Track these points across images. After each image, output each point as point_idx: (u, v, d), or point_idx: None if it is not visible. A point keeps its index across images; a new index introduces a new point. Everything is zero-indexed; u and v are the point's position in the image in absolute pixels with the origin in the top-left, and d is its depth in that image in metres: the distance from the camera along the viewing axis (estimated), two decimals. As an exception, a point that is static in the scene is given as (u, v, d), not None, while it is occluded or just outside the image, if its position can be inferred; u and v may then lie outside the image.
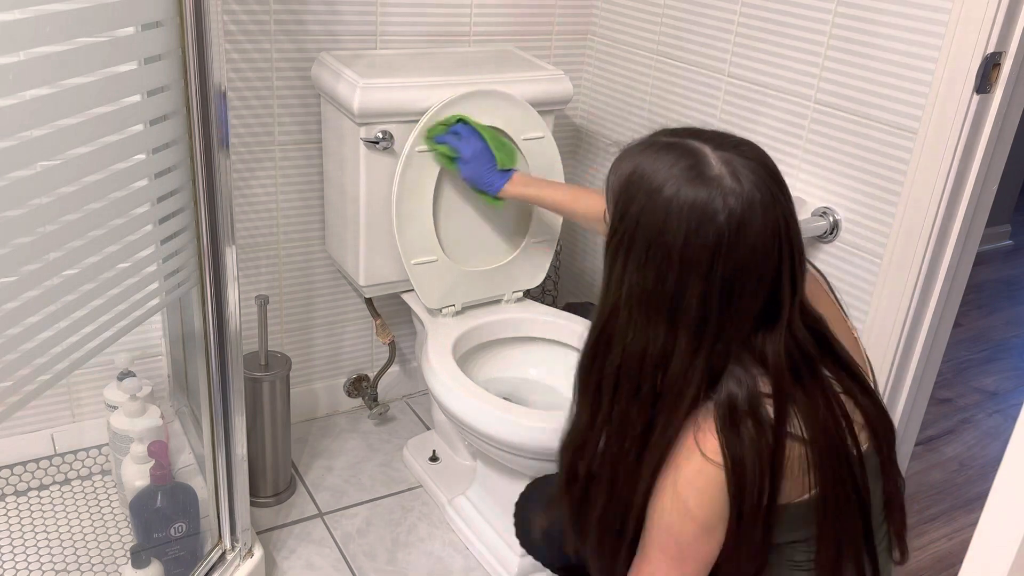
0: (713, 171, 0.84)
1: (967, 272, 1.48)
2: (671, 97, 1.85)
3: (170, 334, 1.77)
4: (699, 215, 0.83)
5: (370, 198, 1.66)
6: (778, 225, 0.85)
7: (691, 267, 0.84)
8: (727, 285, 0.84)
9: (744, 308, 0.86)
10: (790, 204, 0.88)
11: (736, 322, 0.86)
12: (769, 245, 0.84)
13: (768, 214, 0.84)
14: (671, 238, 0.84)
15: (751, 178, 0.84)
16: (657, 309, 0.87)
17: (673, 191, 0.84)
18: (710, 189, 0.83)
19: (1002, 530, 0.52)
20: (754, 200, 0.83)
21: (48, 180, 0.97)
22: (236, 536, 1.50)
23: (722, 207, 0.83)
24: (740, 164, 0.85)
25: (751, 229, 0.83)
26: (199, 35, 1.14)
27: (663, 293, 0.86)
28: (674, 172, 0.85)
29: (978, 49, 1.26)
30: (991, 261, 3.45)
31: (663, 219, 0.84)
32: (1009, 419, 2.39)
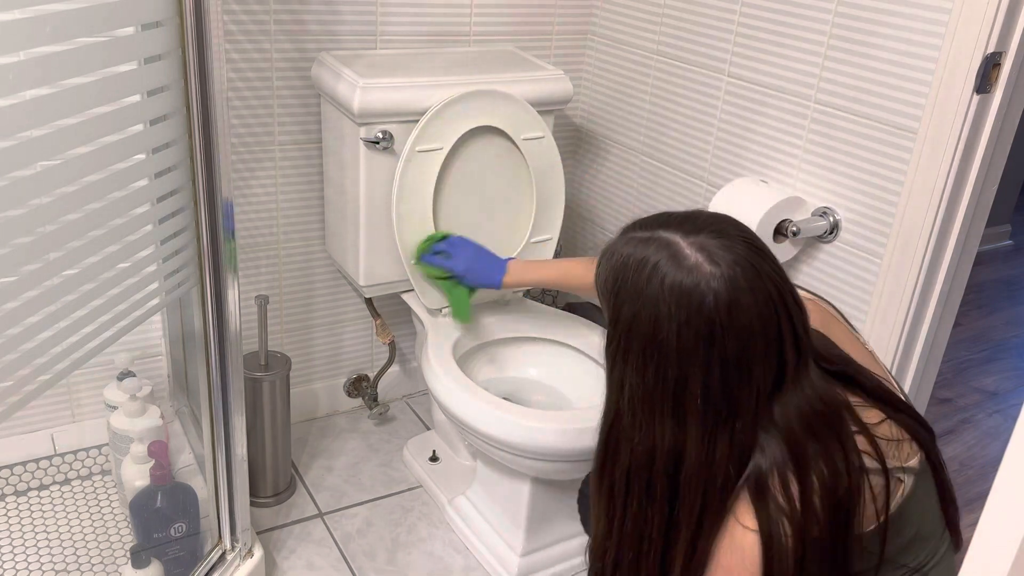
0: (690, 261, 0.85)
1: (967, 272, 1.48)
2: (671, 97, 1.85)
3: (170, 334, 1.77)
4: (686, 307, 0.83)
5: (370, 198, 1.66)
6: (769, 294, 0.85)
7: (688, 358, 0.84)
8: (730, 367, 0.84)
9: (754, 383, 0.85)
10: (775, 266, 0.88)
11: (749, 398, 0.86)
12: (766, 316, 0.85)
13: (756, 286, 0.84)
14: (664, 335, 0.85)
15: (728, 257, 0.84)
16: (661, 406, 0.86)
17: (656, 289, 0.85)
18: (692, 278, 0.84)
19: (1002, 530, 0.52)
20: (736, 278, 0.84)
21: (48, 180, 0.97)
22: (236, 536, 1.50)
23: (707, 293, 0.83)
24: (714, 246, 0.85)
25: (741, 307, 0.83)
26: (199, 35, 1.14)
27: (664, 389, 0.86)
28: (654, 270, 0.85)
29: (978, 49, 1.26)
30: (991, 261, 3.45)
31: (653, 318, 0.85)
32: (1009, 419, 2.39)
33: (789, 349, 0.86)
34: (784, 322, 0.86)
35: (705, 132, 1.78)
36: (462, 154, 1.67)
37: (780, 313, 0.85)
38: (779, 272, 0.88)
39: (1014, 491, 0.51)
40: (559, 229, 1.84)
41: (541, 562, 1.65)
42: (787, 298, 0.87)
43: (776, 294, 0.85)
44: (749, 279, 0.84)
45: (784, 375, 0.87)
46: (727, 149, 1.73)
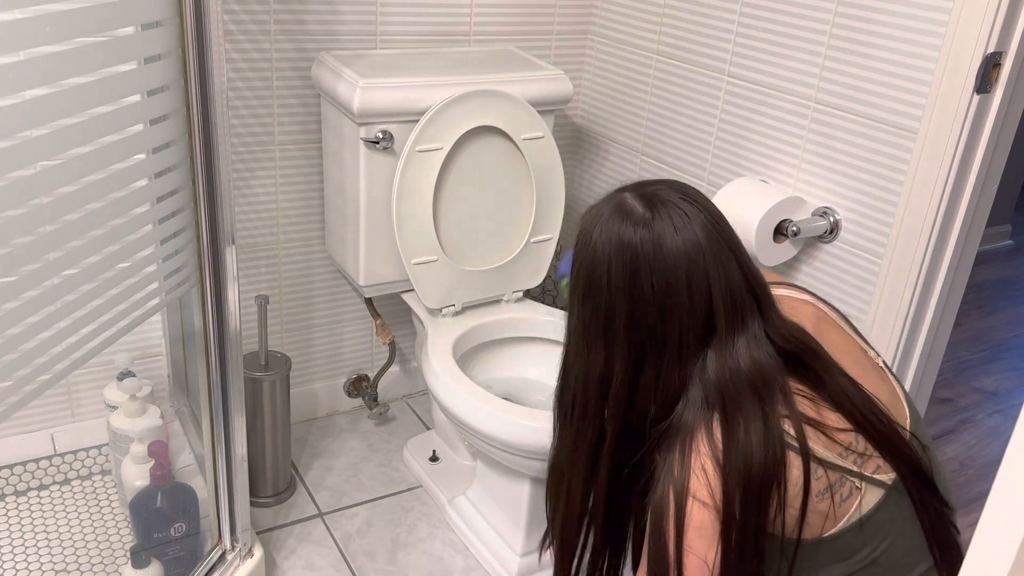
0: (627, 206, 0.94)
1: (967, 272, 1.47)
2: (671, 97, 1.85)
3: (170, 334, 1.77)
4: (616, 244, 0.93)
5: (370, 198, 1.66)
6: (698, 241, 0.91)
7: (617, 291, 0.93)
8: (654, 304, 0.92)
9: (678, 323, 0.92)
10: (717, 222, 0.94)
11: (672, 337, 0.93)
12: (692, 260, 0.91)
13: (686, 233, 0.91)
14: (599, 271, 0.94)
15: (666, 204, 0.93)
16: (594, 335, 0.97)
17: (598, 233, 0.95)
18: (624, 221, 0.93)
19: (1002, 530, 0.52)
20: (666, 221, 0.92)
21: (48, 180, 0.97)
22: (236, 536, 1.50)
23: (634, 232, 0.92)
24: (656, 197, 0.94)
25: (666, 248, 0.91)
26: (199, 35, 1.14)
27: (596, 320, 0.96)
28: (601, 216, 0.96)
29: (978, 49, 1.26)
30: (991, 261, 3.45)
31: (592, 258, 0.95)
32: (1009, 419, 2.39)
33: (720, 300, 0.92)
34: (713, 271, 0.91)
35: (705, 132, 1.78)
36: (462, 154, 1.67)
37: (709, 261, 0.91)
38: (719, 228, 0.94)
39: (1014, 491, 0.51)
40: (559, 229, 1.84)
41: (541, 562, 1.65)
42: (723, 253, 0.93)
43: (708, 244, 0.92)
44: (680, 224, 0.92)
45: (714, 327, 0.92)
46: (727, 149, 1.73)
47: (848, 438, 0.93)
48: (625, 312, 0.93)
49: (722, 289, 0.92)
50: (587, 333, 0.98)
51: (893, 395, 1.02)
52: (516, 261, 1.81)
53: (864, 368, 1.01)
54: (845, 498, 0.91)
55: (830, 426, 0.92)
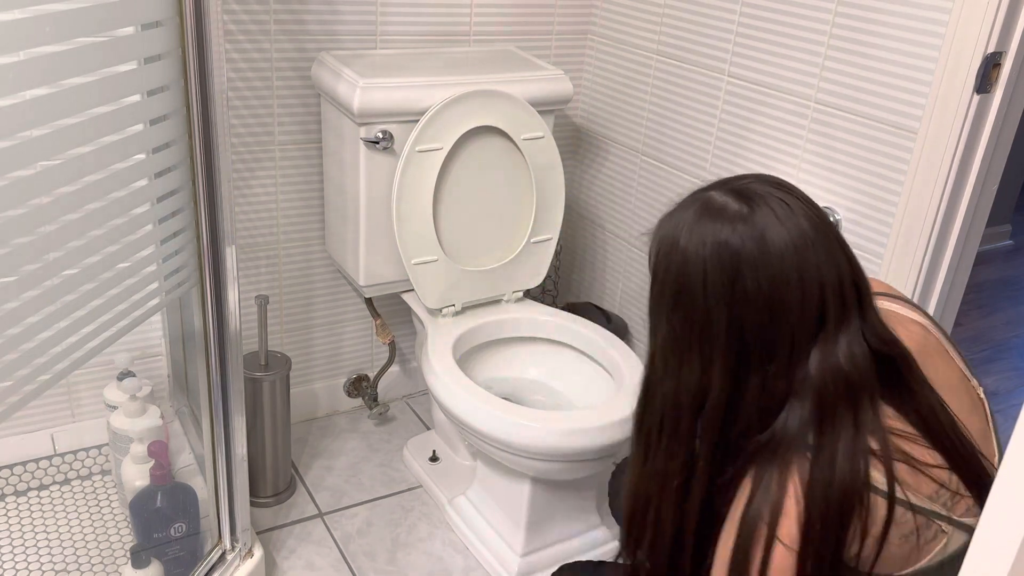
0: (717, 204, 0.85)
1: (967, 272, 1.47)
2: (671, 97, 1.85)
3: (170, 334, 1.77)
4: (713, 245, 0.84)
5: (370, 198, 1.66)
6: (803, 230, 0.83)
7: (716, 297, 0.84)
8: (760, 304, 0.83)
9: (788, 324, 0.83)
10: (815, 211, 0.86)
11: (783, 341, 0.84)
12: (801, 250, 0.83)
13: (788, 221, 0.83)
14: (693, 278, 0.85)
15: (758, 195, 0.85)
16: (688, 345, 0.87)
17: (687, 235, 0.86)
18: (716, 220, 0.84)
19: (1002, 530, 0.52)
20: (767, 213, 0.83)
21: (48, 180, 0.97)
22: (236, 536, 1.50)
23: (732, 229, 0.83)
24: (743, 187, 0.86)
25: (772, 240, 0.82)
26: (199, 35, 1.14)
27: (690, 331, 0.86)
28: (686, 220, 0.87)
29: (978, 49, 1.26)
30: (991, 261, 3.45)
31: (681, 264, 0.86)
32: (1009, 419, 2.39)
33: (830, 293, 0.84)
34: (824, 262, 0.83)
35: (705, 132, 1.78)
36: (462, 154, 1.67)
37: (820, 252, 0.83)
38: (822, 217, 0.86)
39: (1014, 491, 0.51)
40: (559, 229, 1.84)
41: (541, 562, 1.65)
42: (830, 242, 0.84)
43: (815, 234, 0.83)
44: (783, 215, 0.83)
45: (824, 322, 0.84)
46: (727, 149, 1.73)
47: (942, 475, 0.87)
48: (726, 318, 0.84)
49: (832, 281, 0.83)
50: (678, 347, 0.88)
51: (984, 429, 0.97)
52: (516, 261, 1.81)
53: (961, 399, 0.95)
54: (929, 540, 0.86)
55: (923, 462, 0.86)
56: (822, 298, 0.83)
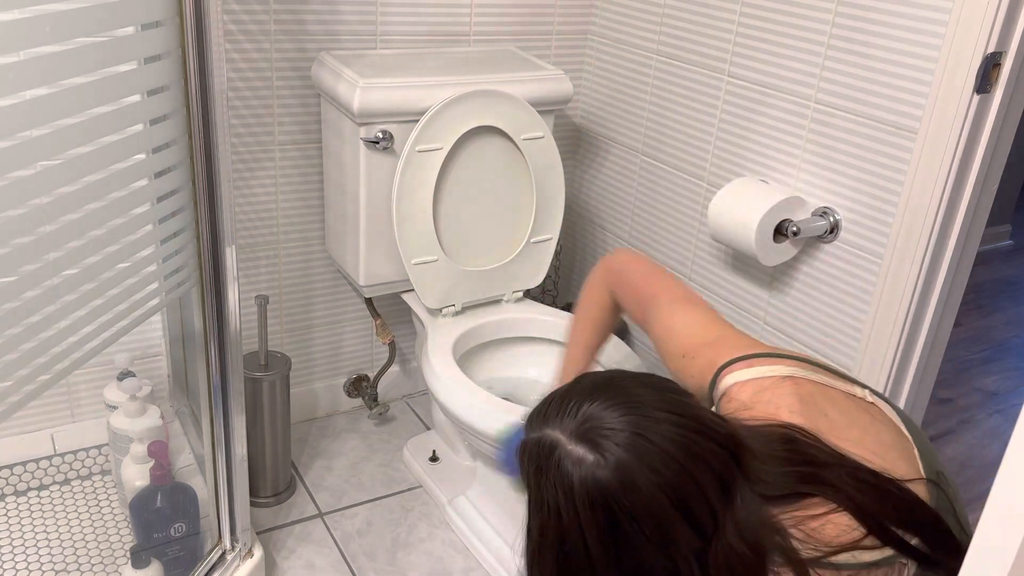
0: (575, 457, 0.80)
1: (967, 272, 1.47)
2: (671, 97, 1.85)
3: (170, 334, 1.77)
4: (583, 505, 0.79)
5: (370, 198, 1.66)
6: (662, 459, 0.78)
7: (601, 556, 0.79)
8: (649, 547, 0.79)
9: (682, 550, 0.79)
10: (667, 420, 0.81)
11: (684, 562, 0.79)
12: (669, 484, 0.78)
13: (645, 457, 0.78)
14: (575, 549, 0.80)
15: (606, 434, 0.80)
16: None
17: (552, 495, 0.80)
18: (579, 472, 0.79)
19: (1002, 530, 0.52)
20: (622, 459, 0.78)
21: (48, 180, 0.97)
22: (236, 536, 1.50)
23: (599, 482, 0.78)
24: (597, 431, 0.80)
25: (638, 487, 0.78)
26: (199, 35, 1.14)
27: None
28: (544, 476, 0.81)
29: (978, 49, 1.26)
30: (991, 261, 3.45)
31: (558, 533, 0.80)
32: (1009, 419, 2.39)
33: (714, 496, 0.80)
34: (695, 468, 0.79)
35: (705, 132, 1.78)
36: (462, 154, 1.67)
37: (685, 465, 0.79)
38: (672, 408, 0.82)
39: (1014, 491, 0.51)
40: (559, 229, 1.84)
41: None
42: (689, 445, 0.80)
43: (673, 448, 0.79)
44: (640, 450, 0.78)
45: (710, 528, 0.80)
46: (727, 149, 1.73)
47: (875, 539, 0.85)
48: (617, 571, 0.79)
49: (705, 486, 0.79)
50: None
51: (895, 433, 0.97)
52: (516, 261, 1.81)
53: (861, 424, 0.95)
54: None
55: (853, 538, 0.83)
56: (705, 503, 0.80)
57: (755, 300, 1.72)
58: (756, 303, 1.72)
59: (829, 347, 1.58)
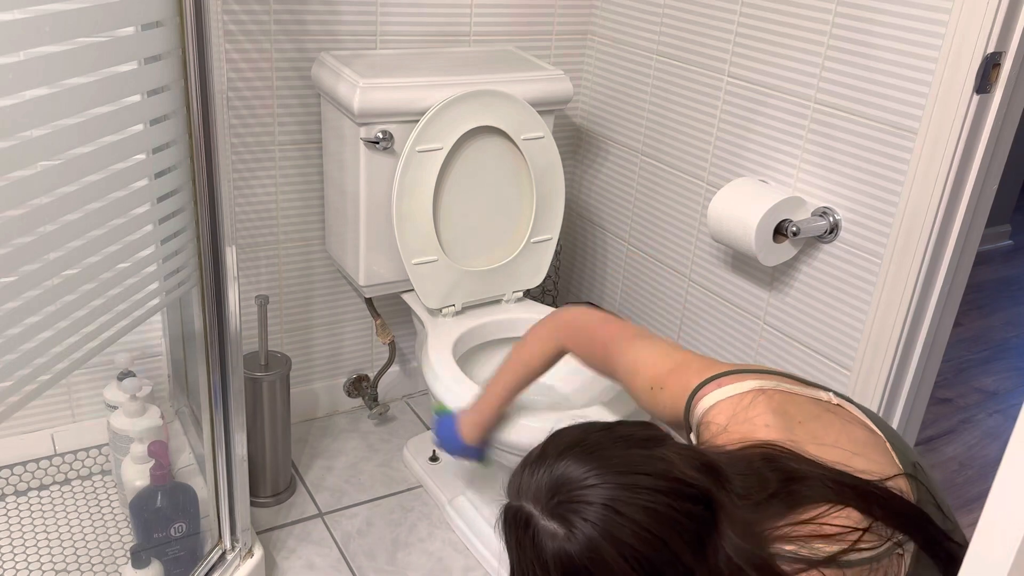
0: (544, 531, 0.82)
1: (967, 272, 1.48)
2: (671, 97, 1.85)
3: (170, 334, 1.77)
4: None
5: (370, 198, 1.66)
6: (631, 531, 0.80)
7: None
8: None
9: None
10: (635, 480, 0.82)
11: None
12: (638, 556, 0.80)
13: (614, 530, 0.80)
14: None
15: (575, 507, 0.81)
16: None
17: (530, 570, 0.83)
18: (548, 547, 0.82)
19: (1002, 530, 0.52)
20: (589, 535, 0.80)
21: (48, 180, 0.97)
22: (236, 536, 1.50)
23: (569, 553, 0.81)
24: (560, 504, 0.82)
25: (604, 551, 0.80)
26: (199, 35, 1.14)
27: None
28: (522, 551, 0.84)
29: (978, 49, 1.26)
30: (991, 261, 3.45)
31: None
32: (1009, 419, 2.39)
33: (687, 557, 0.81)
34: (673, 539, 0.81)
35: (705, 132, 1.78)
36: (462, 154, 1.67)
37: (656, 524, 0.80)
38: (655, 487, 0.82)
39: (1014, 491, 0.51)
40: (559, 229, 1.84)
41: None
42: (671, 512, 0.81)
43: (643, 518, 0.80)
44: (604, 525, 0.80)
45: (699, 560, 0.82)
46: (727, 149, 1.73)
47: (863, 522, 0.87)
48: None
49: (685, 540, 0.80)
50: None
51: (865, 431, 0.99)
52: (516, 261, 1.81)
53: (834, 428, 0.97)
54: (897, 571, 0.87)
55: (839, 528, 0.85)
56: (679, 564, 0.80)
57: (755, 300, 1.73)
58: (756, 303, 1.72)
59: (829, 347, 1.58)
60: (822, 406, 1.02)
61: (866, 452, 0.97)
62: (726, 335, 1.81)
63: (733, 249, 1.67)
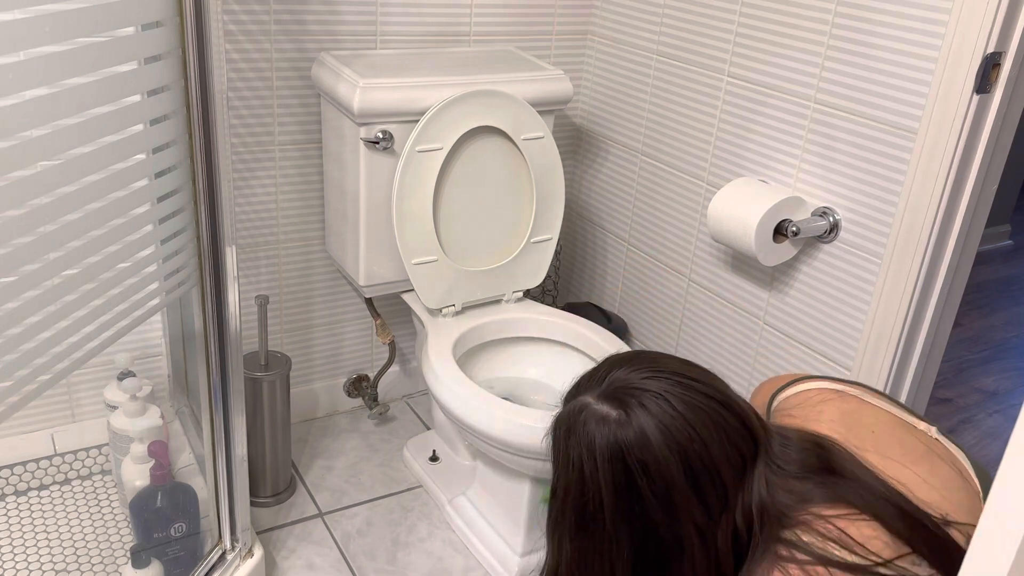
0: (599, 415, 0.84)
1: (967, 272, 1.48)
2: (671, 97, 1.85)
3: (170, 334, 1.77)
4: (603, 463, 0.83)
5: (370, 198, 1.66)
6: (680, 423, 0.82)
7: (615, 518, 0.83)
8: (657, 510, 0.82)
9: (688, 519, 0.83)
10: (694, 388, 0.84)
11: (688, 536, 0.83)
12: (682, 446, 0.82)
13: (664, 419, 0.82)
14: (592, 500, 0.84)
15: (632, 392, 0.84)
16: (597, 566, 0.86)
17: (577, 453, 0.85)
18: (602, 433, 0.83)
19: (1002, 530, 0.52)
20: (642, 416, 0.82)
21: (48, 180, 0.97)
22: (236, 536, 1.50)
23: (616, 442, 0.83)
24: (617, 390, 0.85)
25: (653, 445, 0.82)
26: (199, 35, 1.14)
27: (597, 552, 0.86)
28: (576, 438, 0.86)
29: (978, 49, 1.26)
30: (991, 261, 3.45)
31: (580, 485, 0.85)
32: (1009, 419, 2.39)
33: (725, 468, 0.83)
34: (711, 439, 0.82)
35: (705, 132, 1.78)
36: (462, 154, 1.67)
37: (701, 432, 0.82)
38: (698, 392, 0.84)
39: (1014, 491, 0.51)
40: (559, 229, 1.84)
41: (541, 562, 1.65)
42: (709, 414, 0.83)
43: (691, 414, 0.82)
44: (657, 410, 0.82)
45: (728, 490, 0.84)
46: (727, 149, 1.73)
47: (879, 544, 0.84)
48: (628, 534, 0.84)
49: (722, 456, 0.82)
50: (584, 566, 0.87)
51: (955, 473, 0.93)
52: (516, 261, 1.81)
53: (914, 452, 0.93)
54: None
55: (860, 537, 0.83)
56: (717, 478, 0.82)
57: (755, 300, 1.73)
58: (756, 303, 1.72)
59: (829, 347, 1.58)
60: (908, 429, 0.97)
61: (944, 491, 0.90)
62: (726, 335, 1.81)
63: (733, 249, 1.67)
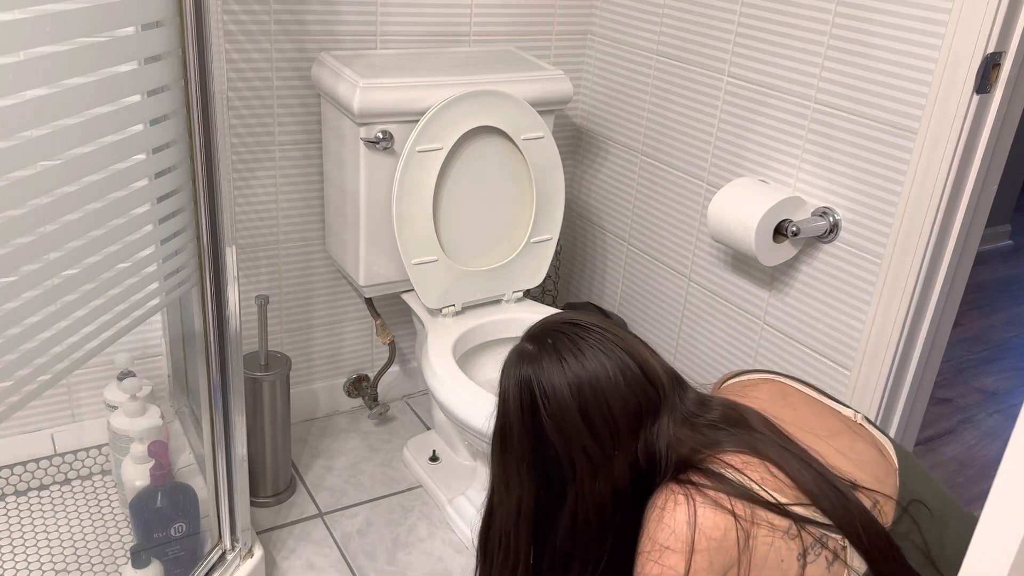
0: (524, 352, 1.00)
1: (967, 272, 1.48)
2: (671, 97, 1.85)
3: (170, 334, 1.77)
4: (515, 388, 0.98)
5: (370, 198, 1.66)
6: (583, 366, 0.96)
7: (521, 433, 0.98)
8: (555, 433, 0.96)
9: (579, 448, 0.95)
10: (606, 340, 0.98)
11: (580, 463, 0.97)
12: (582, 384, 0.95)
13: (569, 360, 0.96)
14: (509, 419, 1.00)
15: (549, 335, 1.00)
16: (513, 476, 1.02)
17: (505, 384, 1.01)
18: (519, 366, 1.00)
19: (1002, 530, 0.52)
20: (550, 355, 0.97)
21: (48, 180, 0.97)
22: (236, 536, 1.50)
23: (525, 373, 0.98)
24: (539, 331, 1.01)
25: (554, 381, 0.96)
26: (199, 35, 1.14)
27: (511, 462, 1.02)
28: (507, 372, 1.01)
29: (978, 49, 1.26)
30: (991, 261, 3.45)
31: (503, 408, 1.01)
32: (1009, 419, 2.39)
33: (621, 416, 0.95)
34: (609, 384, 0.95)
35: (705, 132, 1.78)
36: (462, 154, 1.67)
37: (601, 377, 0.95)
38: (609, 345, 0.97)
39: (1014, 491, 0.51)
40: (559, 229, 1.84)
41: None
42: (615, 363, 0.96)
43: (594, 361, 0.95)
44: (566, 352, 0.96)
45: (639, 424, 0.96)
46: (727, 149, 1.73)
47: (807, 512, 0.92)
48: (531, 448, 0.97)
49: (622, 395, 0.95)
50: (505, 476, 1.02)
51: (874, 452, 1.00)
52: (516, 261, 1.81)
53: (832, 428, 1.02)
54: (832, 562, 0.90)
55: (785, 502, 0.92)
56: (607, 412, 0.94)
57: (755, 300, 1.73)
58: (756, 303, 1.72)
59: (829, 347, 1.58)
60: (832, 412, 1.04)
61: (858, 462, 0.97)
62: (726, 335, 1.81)
63: (733, 249, 1.67)
